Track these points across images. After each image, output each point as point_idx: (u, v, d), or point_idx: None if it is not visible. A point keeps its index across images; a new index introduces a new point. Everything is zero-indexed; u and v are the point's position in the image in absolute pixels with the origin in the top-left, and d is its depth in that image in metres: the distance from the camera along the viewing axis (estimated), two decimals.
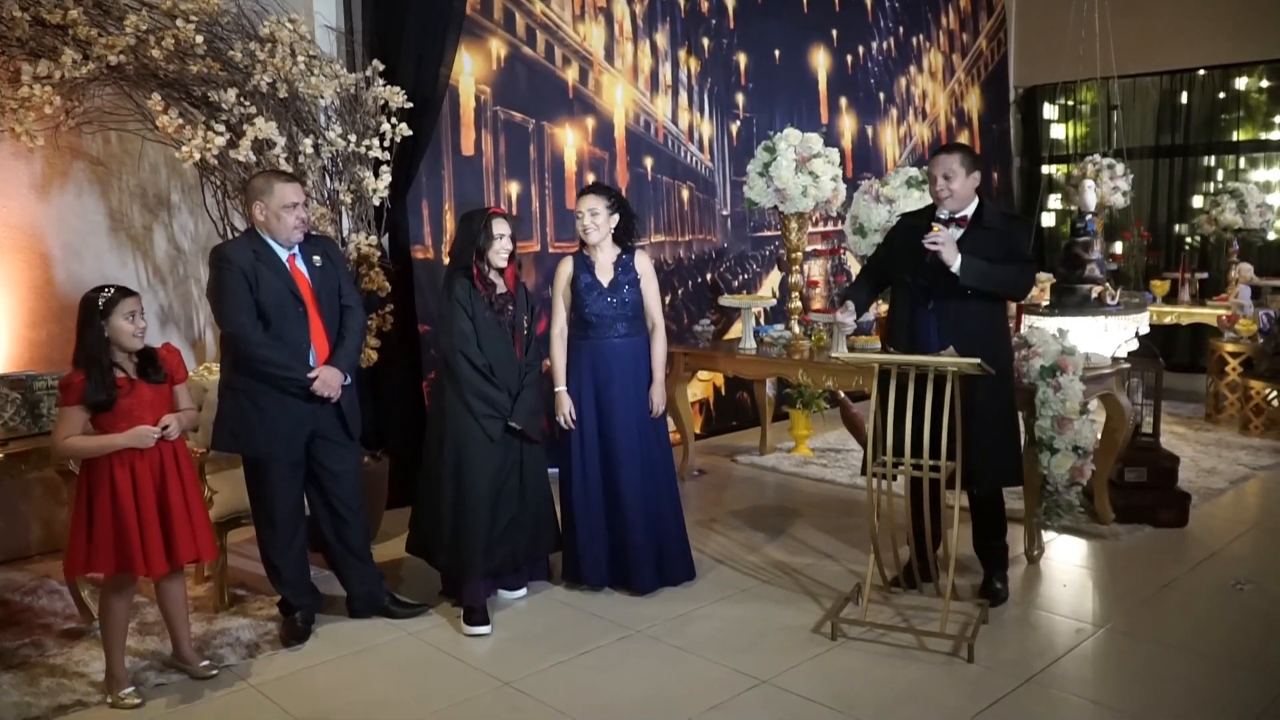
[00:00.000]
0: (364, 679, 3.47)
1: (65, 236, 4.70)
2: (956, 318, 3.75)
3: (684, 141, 6.94)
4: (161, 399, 3.27)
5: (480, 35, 5.70)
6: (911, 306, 3.86)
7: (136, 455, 3.19)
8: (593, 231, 4.06)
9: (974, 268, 3.68)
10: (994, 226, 3.81)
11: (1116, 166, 7.90)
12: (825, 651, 3.58)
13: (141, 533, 3.18)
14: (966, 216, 3.81)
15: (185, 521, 3.27)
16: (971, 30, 9.43)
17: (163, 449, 3.24)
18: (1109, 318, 6.14)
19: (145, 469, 3.20)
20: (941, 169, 3.78)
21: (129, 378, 3.21)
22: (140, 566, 3.18)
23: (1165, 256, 8.66)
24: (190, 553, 3.29)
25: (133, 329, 3.19)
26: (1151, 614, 3.86)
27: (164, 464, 3.24)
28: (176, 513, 3.25)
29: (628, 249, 4.15)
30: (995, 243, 3.77)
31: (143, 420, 3.19)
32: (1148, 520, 4.80)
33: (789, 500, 5.49)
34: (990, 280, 3.72)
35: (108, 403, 3.16)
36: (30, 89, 3.77)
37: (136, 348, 3.22)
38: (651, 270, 4.19)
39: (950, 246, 3.67)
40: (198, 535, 3.31)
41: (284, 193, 3.62)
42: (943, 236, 3.68)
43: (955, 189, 3.76)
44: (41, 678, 3.46)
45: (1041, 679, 3.35)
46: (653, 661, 3.55)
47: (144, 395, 3.22)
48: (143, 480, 3.19)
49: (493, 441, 3.83)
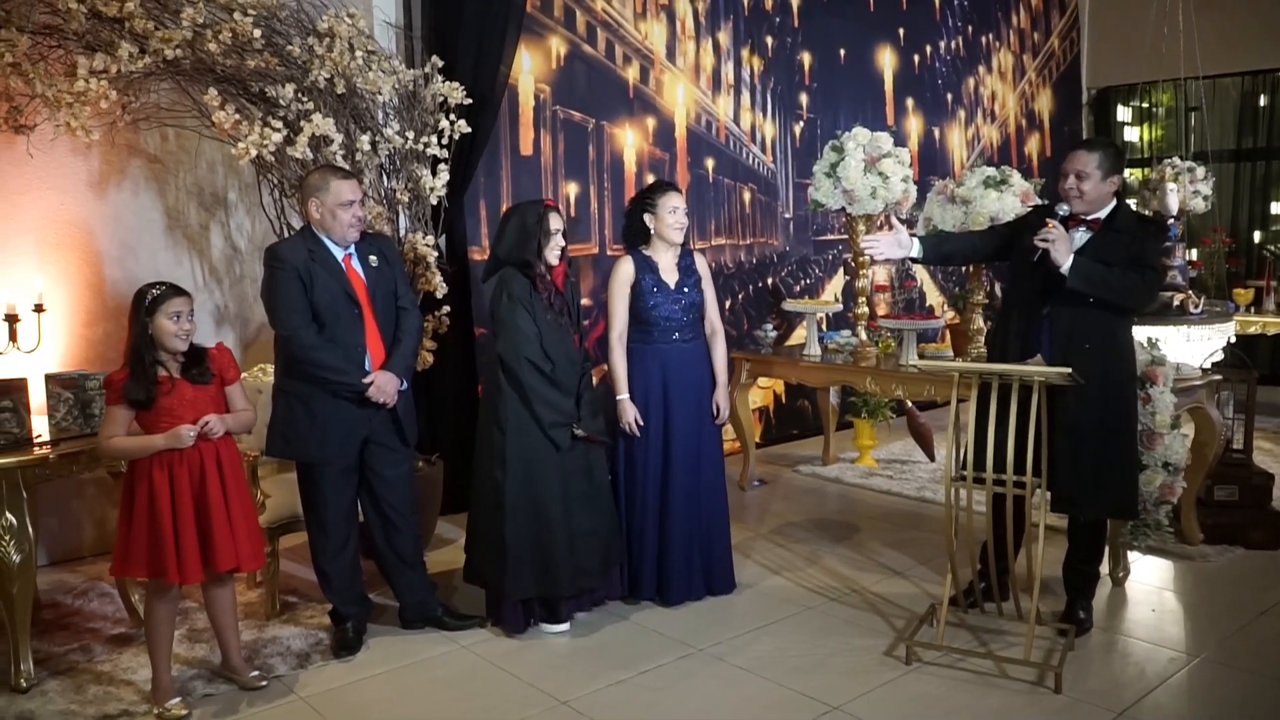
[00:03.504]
0: (415, 694, 3.34)
1: (121, 234, 4.65)
2: (1072, 326, 3.45)
3: (745, 142, 6.78)
4: (206, 399, 3.16)
5: (540, 33, 5.59)
6: (1024, 313, 3.56)
7: (175, 457, 3.08)
8: (681, 231, 3.95)
9: (1086, 270, 3.36)
10: (1126, 230, 3.47)
11: (1197, 170, 7.57)
12: (899, 676, 3.38)
13: (177, 538, 3.06)
14: (1099, 219, 3.50)
15: (225, 527, 3.13)
16: (1043, 29, 9.15)
17: (203, 451, 3.12)
18: (1191, 327, 5.87)
19: (184, 472, 3.09)
20: (1075, 166, 3.44)
21: (170, 376, 3.11)
22: (173, 573, 3.06)
23: (1246, 263, 8.32)
24: (229, 561, 3.16)
25: (175, 329, 3.08)
26: (1248, 643, 3.60)
27: (204, 467, 3.11)
28: (216, 518, 3.12)
29: (686, 250, 4.01)
30: (1123, 247, 3.44)
31: (184, 420, 3.08)
32: (1238, 541, 4.53)
33: (853, 513, 5.28)
34: (1104, 286, 3.38)
35: (147, 401, 3.06)
36: (86, 83, 3.70)
37: (179, 349, 3.11)
38: (708, 271, 4.06)
39: (1063, 244, 3.36)
40: (239, 543, 3.17)
41: (340, 190, 3.51)
42: (1055, 234, 3.36)
43: (1087, 190, 3.43)
44: (88, 685, 3.37)
45: (1134, 713, 3.12)
46: (715, 682, 3.37)
47: (185, 394, 3.11)
48: (180, 483, 3.08)
49: (559, 450, 3.64)
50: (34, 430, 3.53)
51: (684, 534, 3.93)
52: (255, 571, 4.05)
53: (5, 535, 3.31)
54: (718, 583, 4.06)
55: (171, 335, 3.08)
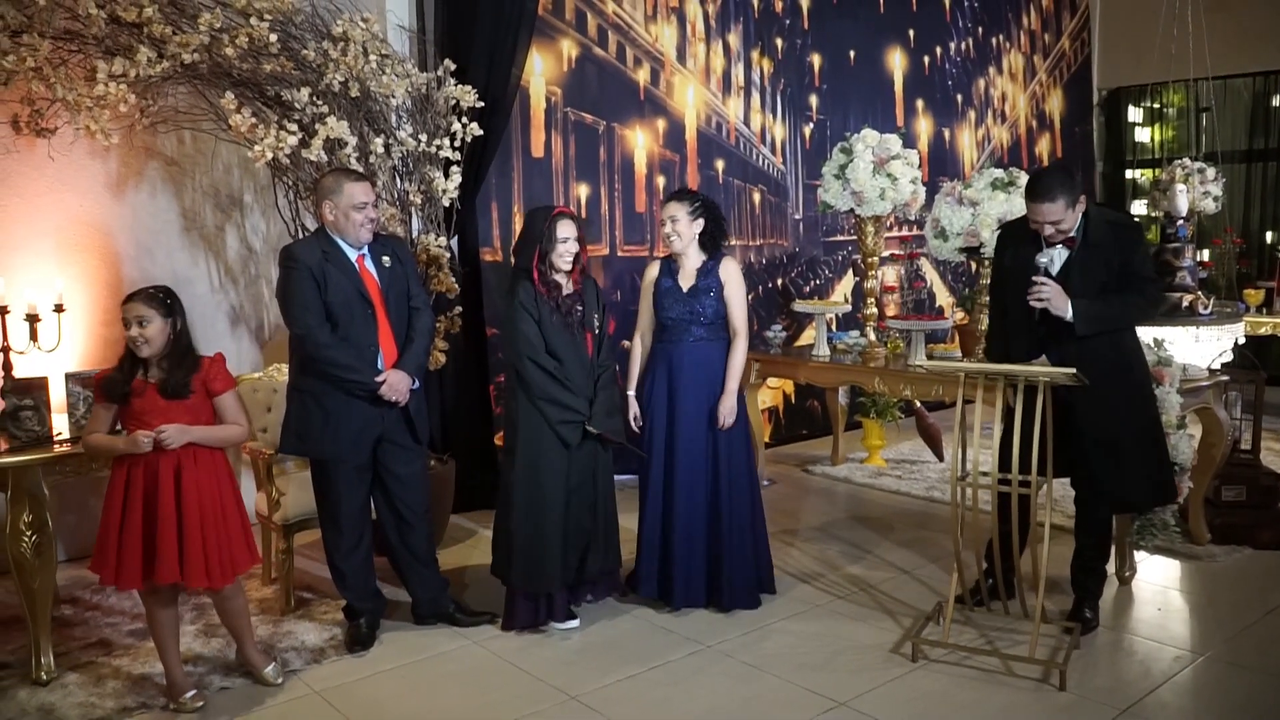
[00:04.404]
0: (427, 688, 3.39)
1: (139, 235, 4.72)
2: (1079, 358, 3.41)
3: (755, 144, 6.81)
4: (180, 409, 3.09)
5: (551, 36, 5.64)
6: (1029, 347, 3.56)
7: (133, 462, 3.06)
8: (675, 240, 3.92)
9: (1088, 314, 3.41)
10: (1102, 242, 3.51)
11: (1208, 170, 7.57)
12: (906, 673, 3.41)
13: (120, 543, 3.05)
14: (1073, 236, 3.52)
15: (172, 542, 3.04)
16: (1054, 30, 9.16)
17: (161, 462, 3.05)
18: (1200, 327, 5.88)
19: (139, 478, 3.06)
20: (1050, 218, 3.45)
21: (144, 380, 3.10)
22: (110, 576, 3.07)
23: (1258, 264, 8.31)
24: (170, 574, 3.06)
25: (129, 336, 3.07)
26: (1255, 641, 3.62)
27: (159, 477, 3.05)
28: (163, 530, 3.04)
29: (714, 255, 3.98)
30: (1105, 261, 3.48)
31: (152, 427, 3.04)
32: (1246, 541, 4.54)
33: (862, 512, 5.31)
34: (1112, 321, 3.47)
35: (118, 396, 3.08)
36: (105, 87, 3.77)
37: (142, 355, 3.08)
38: (737, 276, 3.98)
39: (1057, 296, 3.41)
40: (188, 559, 3.06)
41: (353, 192, 3.57)
42: (1048, 291, 3.41)
43: (1066, 229, 3.48)
44: (107, 679, 3.44)
45: (1139, 710, 3.15)
46: (725, 679, 3.42)
47: (157, 402, 3.07)
48: (134, 490, 3.06)
49: (568, 448, 3.71)
50: (54, 428, 3.60)
51: (686, 539, 3.89)
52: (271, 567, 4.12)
53: (26, 531, 3.38)
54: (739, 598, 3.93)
55: (131, 340, 3.08)
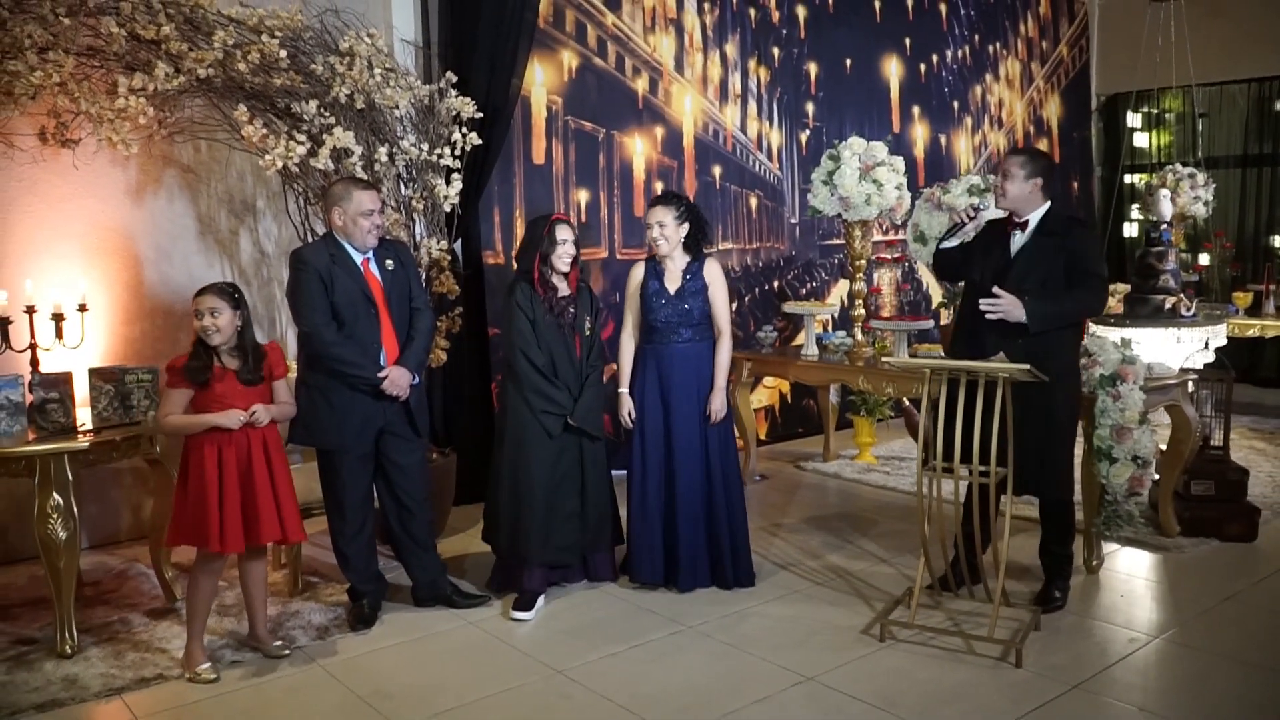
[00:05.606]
0: (423, 663, 3.63)
1: (157, 239, 4.98)
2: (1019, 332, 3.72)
3: (752, 150, 7.02)
4: (255, 392, 3.48)
5: (552, 47, 5.87)
6: (974, 317, 3.83)
7: (224, 439, 3.40)
8: (662, 244, 4.13)
9: (1039, 313, 3.67)
10: (1055, 232, 3.79)
11: (1197, 176, 7.72)
12: (872, 652, 3.62)
13: (222, 511, 3.38)
14: (1029, 222, 3.82)
15: (271, 503, 3.46)
16: (1051, 37, 9.32)
17: (251, 436, 3.44)
18: (1182, 329, 6.03)
19: (232, 453, 3.41)
20: (1003, 167, 3.83)
21: (223, 367, 3.44)
22: (215, 542, 3.37)
23: (1253, 268, 8.43)
24: (273, 533, 3.48)
25: (201, 325, 3.39)
26: (1208, 625, 3.81)
27: (251, 449, 3.44)
28: (261, 495, 3.44)
29: (698, 257, 4.20)
30: (1054, 250, 3.75)
31: (234, 406, 3.41)
32: (1214, 533, 4.71)
33: (850, 506, 5.52)
34: (1062, 318, 3.75)
35: (201, 378, 3.38)
36: (126, 100, 4.02)
37: (212, 343, 3.41)
38: (720, 277, 4.21)
39: (1012, 306, 3.66)
40: (285, 519, 3.49)
41: (361, 200, 3.81)
42: (1002, 303, 3.67)
43: (1008, 189, 3.79)
44: (127, 652, 3.69)
45: (1090, 685, 3.35)
46: (701, 656, 3.64)
47: (235, 386, 3.44)
48: (228, 462, 3.40)
49: (551, 437, 4.00)
50: (78, 419, 3.86)
51: (696, 527, 4.15)
52: (281, 552, 4.37)
53: (53, 514, 3.63)
54: (737, 576, 4.21)
55: (203, 330, 3.39)
